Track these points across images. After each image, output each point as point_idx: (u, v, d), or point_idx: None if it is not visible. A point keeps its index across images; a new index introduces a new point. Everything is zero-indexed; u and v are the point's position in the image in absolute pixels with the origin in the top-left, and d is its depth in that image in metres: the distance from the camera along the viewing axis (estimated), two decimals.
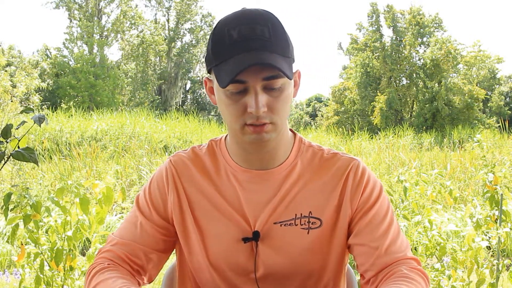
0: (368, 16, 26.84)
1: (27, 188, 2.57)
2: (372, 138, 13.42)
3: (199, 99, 36.32)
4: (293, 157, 1.20)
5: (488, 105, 28.49)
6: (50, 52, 29.21)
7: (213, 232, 1.19)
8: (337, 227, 1.19)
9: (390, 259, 1.13)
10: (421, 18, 25.79)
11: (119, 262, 1.20)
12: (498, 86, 29.73)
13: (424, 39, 25.91)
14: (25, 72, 18.24)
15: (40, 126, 1.66)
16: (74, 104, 22.04)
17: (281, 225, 1.17)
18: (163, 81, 31.52)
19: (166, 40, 31.84)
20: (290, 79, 1.06)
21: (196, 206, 1.21)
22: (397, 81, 26.19)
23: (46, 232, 2.78)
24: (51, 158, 8.78)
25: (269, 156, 1.17)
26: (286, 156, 1.19)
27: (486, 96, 25.91)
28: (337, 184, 1.19)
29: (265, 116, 1.06)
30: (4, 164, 1.73)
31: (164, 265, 1.28)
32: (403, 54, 25.63)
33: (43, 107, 17.27)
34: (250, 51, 1.03)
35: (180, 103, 32.86)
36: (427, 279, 1.12)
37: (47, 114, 12.77)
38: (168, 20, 32.91)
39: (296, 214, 1.18)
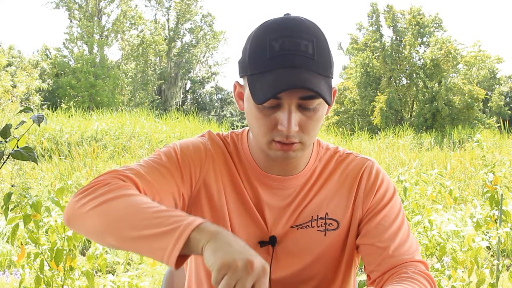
0: (368, 16, 26.85)
1: (28, 188, 2.57)
2: (372, 138, 13.42)
3: (199, 99, 36.32)
4: (312, 162, 1.18)
5: (488, 105, 28.48)
6: (50, 52, 29.21)
7: (239, 232, 1.15)
8: (350, 229, 1.18)
9: (396, 260, 1.11)
10: (421, 18, 25.79)
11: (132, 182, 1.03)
12: (498, 86, 29.73)
13: (424, 39, 25.91)
14: (26, 72, 18.24)
15: (39, 125, 1.66)
16: (74, 104, 22.04)
17: (297, 228, 1.16)
18: (163, 81, 31.52)
19: (166, 40, 31.84)
20: (329, 104, 1.01)
21: (230, 199, 1.16)
22: (397, 81, 26.19)
23: (46, 232, 2.79)
24: (51, 158, 8.78)
25: (292, 166, 1.15)
26: (306, 163, 1.17)
27: (486, 96, 25.91)
28: (352, 185, 1.18)
29: (295, 136, 1.02)
30: (3, 163, 1.73)
31: None
32: (403, 54, 25.62)
33: (43, 107, 17.28)
34: (290, 68, 0.97)
35: (180, 103, 32.86)
36: (434, 283, 1.10)
37: (47, 114, 12.78)
38: (168, 20, 32.92)
39: (312, 216, 1.16)
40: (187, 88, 35.25)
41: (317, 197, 1.17)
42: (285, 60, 0.97)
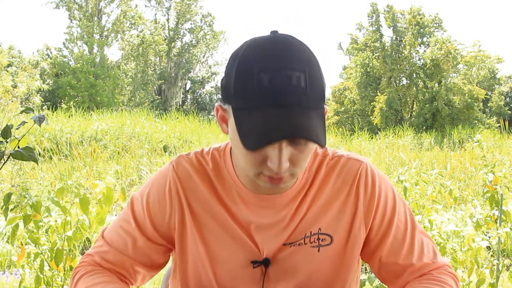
0: (368, 16, 26.86)
1: (28, 188, 2.57)
2: (372, 138, 13.42)
3: (199, 99, 36.33)
4: (302, 174, 1.10)
5: (488, 105, 28.49)
6: (51, 52, 29.21)
7: (222, 255, 1.11)
8: (348, 243, 1.11)
9: (421, 271, 1.11)
10: (421, 18, 25.79)
11: (106, 267, 1.15)
12: (498, 86, 29.74)
13: (424, 39, 25.92)
14: (26, 72, 18.25)
15: (40, 126, 1.66)
16: (74, 104, 22.05)
17: (290, 246, 1.10)
18: (163, 81, 31.52)
19: (166, 40, 31.84)
20: (323, 147, 0.91)
21: (204, 226, 1.11)
22: (397, 81, 26.20)
23: (46, 232, 2.79)
24: (51, 158, 8.79)
25: None
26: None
27: (486, 96, 25.92)
28: (347, 194, 1.10)
29: (286, 171, 0.95)
30: (4, 164, 1.73)
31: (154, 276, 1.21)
32: (403, 54, 25.63)
33: (43, 107, 17.29)
34: (281, 107, 0.88)
35: (180, 103, 32.87)
36: (457, 280, 1.10)
37: (47, 114, 12.78)
38: (168, 20, 32.92)
39: (305, 234, 1.10)
40: (187, 88, 35.25)
41: (310, 211, 1.10)
42: (276, 98, 0.88)
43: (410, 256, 1.11)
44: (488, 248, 3.95)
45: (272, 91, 0.88)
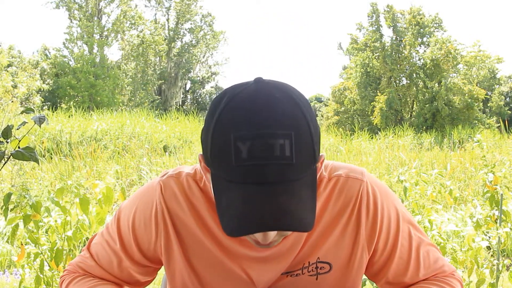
0: (368, 16, 26.85)
1: (28, 189, 2.57)
2: (372, 138, 13.43)
3: (199, 99, 36.33)
4: None
5: (488, 105, 28.49)
6: (49, 52, 29.22)
7: (215, 287, 1.07)
8: (349, 268, 1.06)
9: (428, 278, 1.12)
10: (421, 18, 25.80)
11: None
12: (498, 86, 29.74)
13: (424, 39, 25.92)
14: (27, 72, 18.27)
15: (40, 126, 1.66)
16: (74, 104, 22.06)
17: (287, 276, 1.04)
18: (163, 81, 31.53)
19: (166, 40, 31.85)
20: (309, 230, 0.80)
21: (193, 256, 1.06)
22: (397, 81, 26.20)
23: (46, 232, 2.79)
24: (51, 158, 8.79)
25: None
26: None
27: (486, 96, 25.93)
28: (348, 219, 1.03)
29: (274, 238, 0.88)
30: (4, 164, 1.73)
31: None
32: (403, 54, 25.63)
33: (43, 107, 17.30)
34: (263, 186, 0.77)
35: (180, 103, 32.88)
36: (462, 285, 1.10)
37: (47, 115, 12.79)
38: (168, 20, 32.92)
39: (304, 264, 1.03)
40: (187, 88, 35.26)
41: (309, 241, 1.03)
42: (255, 174, 0.77)
43: (417, 273, 1.08)
44: (488, 248, 3.95)
45: (251, 166, 0.76)
